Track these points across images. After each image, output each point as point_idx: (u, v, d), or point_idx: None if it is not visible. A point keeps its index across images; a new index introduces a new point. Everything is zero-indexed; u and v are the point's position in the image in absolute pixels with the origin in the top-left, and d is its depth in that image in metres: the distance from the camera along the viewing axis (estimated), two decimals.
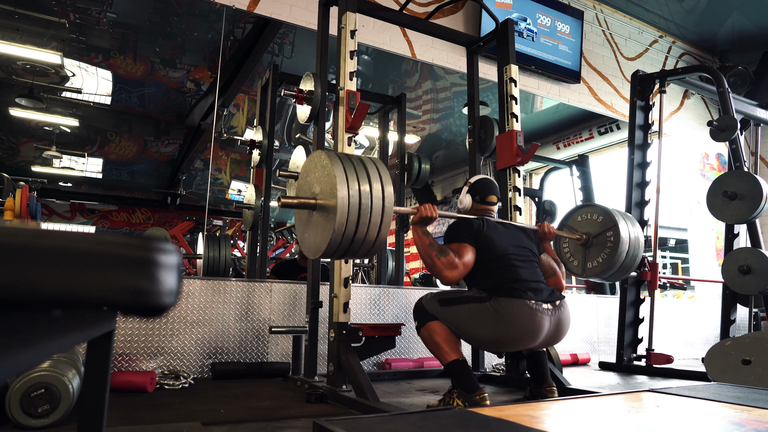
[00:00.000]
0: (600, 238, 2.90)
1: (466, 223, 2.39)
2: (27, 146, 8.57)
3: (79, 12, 5.11)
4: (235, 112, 6.75)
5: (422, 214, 2.28)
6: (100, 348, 0.68)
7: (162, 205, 10.60)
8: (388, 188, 1.99)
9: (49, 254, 0.38)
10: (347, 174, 1.94)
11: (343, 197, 1.89)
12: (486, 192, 2.55)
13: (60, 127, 7.85)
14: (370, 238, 1.97)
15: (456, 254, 2.26)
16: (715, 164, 6.63)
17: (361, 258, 2.15)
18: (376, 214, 1.96)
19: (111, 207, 10.89)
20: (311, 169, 2.11)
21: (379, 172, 2.02)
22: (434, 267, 2.24)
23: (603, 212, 2.92)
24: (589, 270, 2.95)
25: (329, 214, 1.94)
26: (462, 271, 2.26)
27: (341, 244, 1.95)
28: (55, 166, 9.23)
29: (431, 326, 2.28)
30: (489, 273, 2.30)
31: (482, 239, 2.34)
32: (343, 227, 1.90)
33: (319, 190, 2.03)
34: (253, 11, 3.82)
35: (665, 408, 1.77)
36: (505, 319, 2.18)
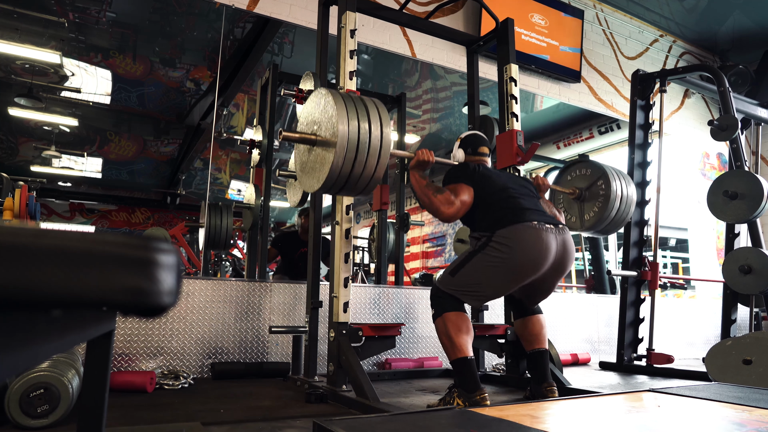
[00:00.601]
0: (592, 190, 2.96)
1: (462, 167, 2.44)
2: (26, 146, 8.57)
3: (79, 11, 5.11)
4: (234, 111, 6.75)
5: (419, 158, 2.36)
6: (99, 348, 0.68)
7: (162, 204, 10.60)
8: (386, 128, 2.06)
9: (48, 254, 0.38)
10: (348, 111, 2.00)
11: (343, 132, 1.95)
12: (477, 144, 2.59)
13: (59, 126, 7.85)
14: (368, 173, 2.04)
15: (453, 192, 2.29)
16: (716, 164, 6.62)
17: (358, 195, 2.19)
18: (375, 151, 2.02)
19: (110, 207, 10.89)
20: (314, 107, 2.16)
21: (379, 113, 2.07)
22: (431, 205, 2.27)
23: (591, 166, 3.01)
24: (586, 222, 2.98)
25: (329, 149, 2.01)
26: (459, 207, 2.27)
27: (339, 178, 2.02)
28: (54, 165, 9.24)
29: (448, 317, 2.24)
30: (490, 207, 2.30)
31: (479, 178, 2.36)
32: (341, 161, 1.97)
33: (320, 125, 2.08)
34: (252, 10, 3.82)
35: (666, 408, 1.77)
36: (511, 246, 2.15)
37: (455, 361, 2.22)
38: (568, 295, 6.58)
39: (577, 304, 4.79)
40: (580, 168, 3.05)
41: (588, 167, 3.00)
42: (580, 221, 3.02)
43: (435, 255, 9.19)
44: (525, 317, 2.52)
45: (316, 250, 2.95)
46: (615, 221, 2.93)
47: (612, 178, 2.87)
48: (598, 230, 2.98)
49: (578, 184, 3.03)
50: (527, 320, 2.52)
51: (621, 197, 2.86)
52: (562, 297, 5.57)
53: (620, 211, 2.88)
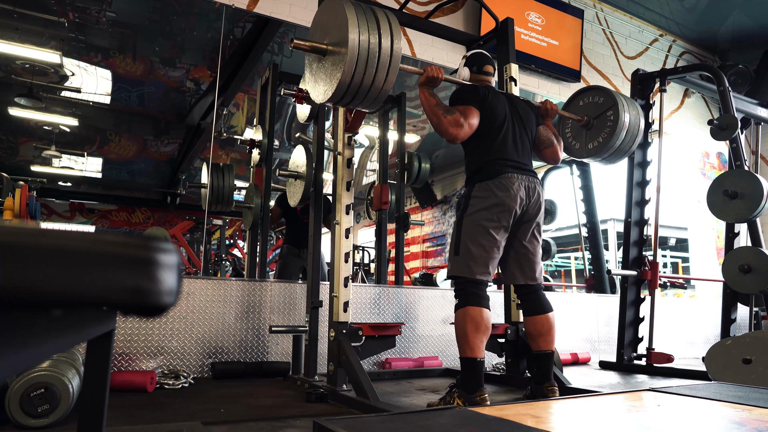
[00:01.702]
0: (600, 119, 2.92)
1: (472, 89, 2.45)
2: (26, 146, 8.57)
3: (79, 11, 5.11)
4: (234, 111, 6.75)
5: (429, 74, 2.37)
6: (99, 348, 0.68)
7: (162, 204, 10.61)
8: (397, 40, 2.06)
9: (48, 254, 0.38)
10: (359, 21, 1.99)
11: (353, 41, 1.95)
12: (482, 62, 2.60)
13: (59, 126, 7.85)
14: (377, 85, 2.04)
15: (462, 114, 2.32)
16: (716, 163, 6.62)
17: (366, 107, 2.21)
18: (384, 62, 2.02)
19: (111, 206, 10.89)
20: (324, 15, 2.17)
21: (390, 25, 2.07)
22: (440, 125, 2.31)
23: (604, 93, 2.94)
24: (589, 150, 2.96)
25: (339, 59, 2.01)
26: (467, 130, 2.33)
27: (349, 89, 2.02)
28: (54, 165, 9.24)
29: (469, 311, 2.24)
30: (482, 144, 2.40)
31: (487, 107, 2.39)
32: (351, 71, 1.97)
33: (331, 35, 2.09)
34: (252, 10, 3.82)
35: (666, 407, 1.77)
36: (486, 196, 2.32)
37: (465, 359, 2.21)
38: (568, 295, 6.58)
39: (577, 303, 4.79)
40: (593, 95, 2.98)
41: (601, 95, 2.93)
42: (583, 149, 2.99)
43: (435, 254, 9.19)
44: (535, 315, 2.47)
45: (316, 251, 2.95)
46: (617, 151, 2.90)
47: (622, 110, 2.81)
48: (599, 158, 2.96)
49: (589, 111, 2.97)
50: (537, 319, 2.47)
51: (627, 129, 2.82)
52: (562, 296, 5.57)
53: (625, 142, 2.85)
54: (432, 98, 2.35)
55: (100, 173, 9.82)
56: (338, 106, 2.54)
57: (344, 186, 2.70)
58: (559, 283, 10.71)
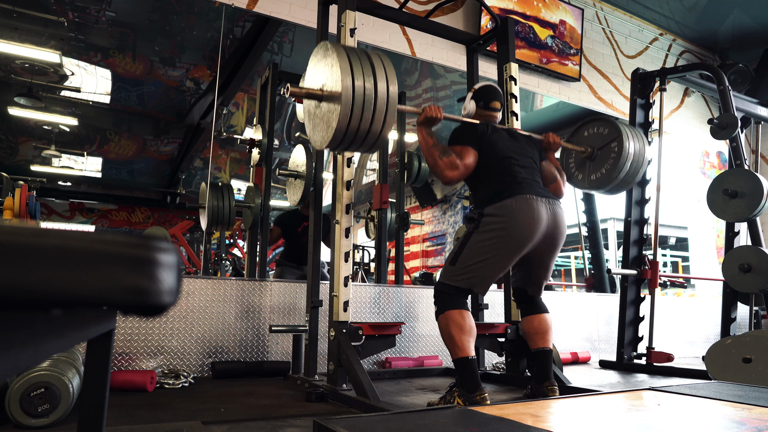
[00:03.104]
0: (604, 150, 2.87)
1: (470, 127, 2.43)
2: (26, 145, 8.57)
3: (78, 11, 5.11)
4: (234, 110, 6.75)
5: (427, 114, 2.35)
6: (100, 347, 0.68)
7: (161, 204, 10.60)
8: (392, 84, 2.03)
9: (48, 253, 0.38)
10: (352, 66, 1.97)
11: (347, 87, 1.93)
12: (490, 98, 2.57)
13: (59, 126, 7.84)
14: (375, 129, 2.02)
15: (458, 156, 2.30)
16: (716, 162, 6.62)
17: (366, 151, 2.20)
18: (381, 108, 2.00)
19: (110, 206, 10.89)
20: (319, 61, 2.15)
21: (385, 68, 2.05)
22: (436, 166, 2.29)
23: (609, 124, 2.90)
24: (592, 181, 2.93)
25: (335, 104, 1.99)
26: (462, 171, 2.30)
27: (347, 134, 2.00)
28: (54, 165, 9.23)
29: (451, 315, 2.24)
30: (489, 177, 2.34)
31: (485, 143, 2.37)
32: (347, 117, 1.95)
33: (326, 81, 2.06)
34: (252, 9, 3.81)
35: (666, 406, 1.77)
36: (503, 216, 2.20)
37: (457, 360, 2.22)
38: (568, 294, 6.59)
39: (577, 302, 4.79)
40: (598, 125, 2.94)
41: (606, 127, 2.89)
42: (586, 180, 2.96)
43: (435, 254, 9.19)
44: (532, 315, 2.50)
45: (316, 251, 2.95)
46: (621, 183, 2.87)
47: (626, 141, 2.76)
48: (602, 190, 2.93)
49: (593, 141, 2.93)
50: (534, 318, 2.49)
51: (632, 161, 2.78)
52: (562, 296, 5.57)
53: (628, 175, 2.82)
54: (429, 138, 2.32)
55: (100, 173, 9.82)
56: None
57: (344, 185, 2.70)
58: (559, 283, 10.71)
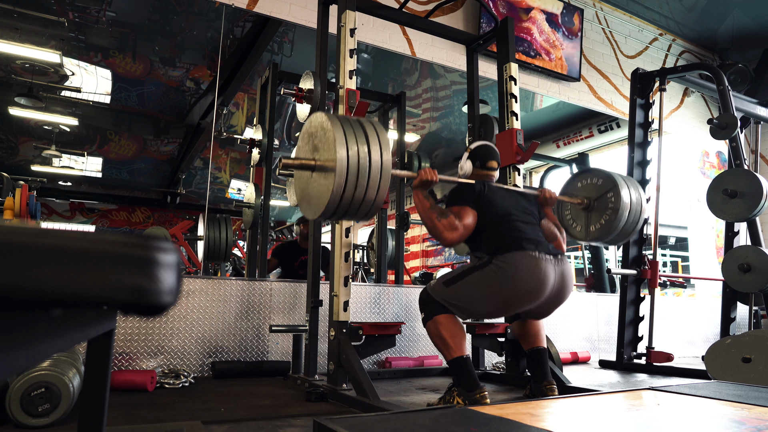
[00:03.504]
0: (601, 200, 2.88)
1: (467, 187, 2.41)
2: (26, 145, 8.56)
3: (78, 11, 5.10)
4: (234, 110, 6.74)
5: (423, 177, 2.33)
6: (100, 347, 0.68)
7: (162, 204, 10.59)
8: (386, 152, 2.01)
9: (49, 253, 0.38)
10: (346, 135, 1.95)
11: (342, 157, 1.90)
12: (486, 157, 2.57)
13: (59, 126, 7.84)
14: (369, 198, 1.99)
15: (457, 216, 2.28)
16: (716, 162, 6.62)
17: (361, 219, 2.16)
18: (375, 176, 1.97)
19: (111, 206, 10.88)
20: (311, 131, 2.13)
21: (378, 135, 2.03)
22: (435, 229, 2.27)
23: (602, 175, 2.91)
24: (591, 233, 2.92)
25: (328, 175, 1.96)
26: (462, 232, 2.27)
27: (341, 204, 1.98)
28: (54, 165, 9.22)
29: (439, 319, 2.26)
30: (491, 234, 2.30)
31: (484, 202, 2.35)
32: (342, 187, 1.92)
33: (319, 151, 2.05)
34: (252, 10, 3.81)
35: (665, 406, 1.77)
36: (509, 273, 2.16)
37: (451, 361, 2.24)
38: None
39: (577, 302, 4.79)
40: (591, 176, 2.95)
41: (600, 177, 2.90)
42: (584, 231, 2.96)
43: (435, 254, 9.19)
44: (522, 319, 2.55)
45: (316, 251, 2.95)
46: (621, 233, 2.86)
47: (623, 191, 2.78)
48: (603, 241, 2.92)
49: (588, 192, 2.95)
50: (524, 322, 2.55)
51: (630, 210, 2.79)
52: None
53: (628, 224, 2.81)
54: (426, 201, 2.31)
55: (100, 173, 9.81)
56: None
57: None
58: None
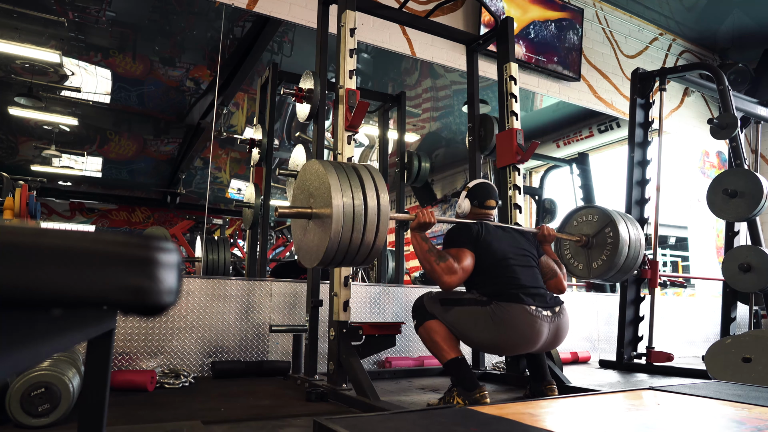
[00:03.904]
0: (599, 237, 2.89)
1: (465, 228, 2.39)
2: (26, 145, 8.56)
3: (78, 11, 5.10)
4: (234, 110, 6.74)
5: (420, 220, 2.30)
6: (100, 347, 0.68)
7: (162, 203, 10.59)
8: (383, 196, 1.99)
9: (49, 253, 0.38)
10: (341, 183, 1.93)
11: (338, 206, 1.88)
12: (485, 196, 2.55)
13: (59, 126, 7.84)
14: (367, 244, 1.97)
15: (455, 259, 2.27)
16: (716, 162, 6.62)
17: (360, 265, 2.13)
18: (372, 222, 1.95)
19: (110, 206, 10.88)
20: (306, 179, 2.10)
21: (374, 180, 2.01)
22: (433, 272, 2.26)
23: (598, 212, 2.92)
24: (594, 270, 2.92)
25: (325, 223, 1.93)
26: (461, 276, 2.27)
27: (338, 252, 1.95)
28: (54, 165, 9.22)
29: (430, 325, 2.30)
30: (489, 278, 2.30)
31: (481, 244, 2.34)
32: (339, 235, 1.90)
33: (315, 199, 2.02)
34: (252, 9, 3.81)
35: (665, 406, 1.77)
36: (504, 324, 2.18)
37: (447, 363, 2.25)
38: (568, 294, 6.58)
39: (577, 302, 4.79)
40: (587, 214, 2.96)
41: (594, 213, 2.91)
42: (587, 269, 2.95)
43: None
44: None
45: None
46: (623, 269, 2.86)
47: (620, 226, 2.79)
48: (606, 278, 2.93)
49: (585, 230, 2.95)
50: None
51: (630, 245, 2.80)
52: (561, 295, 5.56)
53: (629, 259, 2.82)
54: (424, 244, 2.29)
55: (100, 173, 9.81)
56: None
57: None
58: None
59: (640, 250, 2.88)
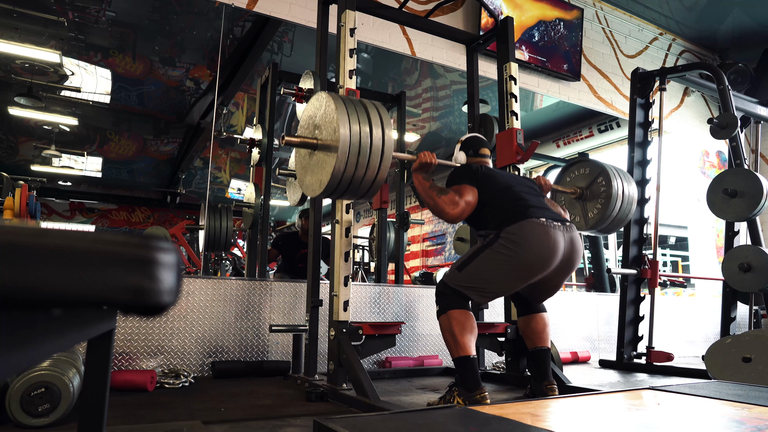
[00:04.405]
0: (593, 188, 2.97)
1: (464, 168, 2.45)
2: (26, 145, 8.56)
3: (78, 10, 5.10)
4: (234, 110, 6.74)
5: (422, 160, 2.37)
6: (100, 347, 0.68)
7: (161, 203, 10.60)
8: (388, 131, 2.05)
9: (49, 253, 0.38)
10: (349, 114, 1.98)
11: (344, 135, 1.94)
12: (478, 145, 2.61)
13: (59, 126, 7.84)
14: (369, 177, 2.02)
15: (457, 193, 2.30)
16: (716, 162, 6.62)
17: (360, 198, 2.19)
18: (376, 154, 2.01)
19: (110, 206, 10.88)
20: (314, 111, 2.15)
21: (380, 115, 2.06)
22: (436, 206, 2.27)
23: (590, 164, 3.02)
24: (590, 220, 2.99)
25: (330, 153, 2.00)
26: (464, 207, 2.27)
27: (341, 182, 2.01)
28: (54, 165, 9.22)
29: (453, 314, 2.23)
30: (495, 207, 2.29)
31: (482, 178, 2.37)
32: (343, 165, 1.96)
33: (321, 130, 2.08)
34: (252, 9, 3.81)
35: (665, 406, 1.77)
36: (519, 244, 2.14)
37: (457, 359, 2.22)
38: (568, 294, 6.58)
39: (577, 302, 4.79)
40: (579, 168, 3.06)
41: (587, 166, 3.01)
42: (583, 220, 3.02)
43: (435, 254, 9.19)
44: (529, 315, 2.51)
45: (316, 250, 2.95)
46: (618, 219, 2.93)
47: (612, 176, 2.88)
48: (601, 228, 2.99)
49: (579, 183, 3.04)
50: (531, 318, 2.51)
51: (622, 194, 2.88)
52: (562, 295, 5.56)
53: (622, 209, 2.90)
54: (426, 182, 2.33)
55: (100, 173, 9.81)
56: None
57: None
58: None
59: (633, 201, 2.93)
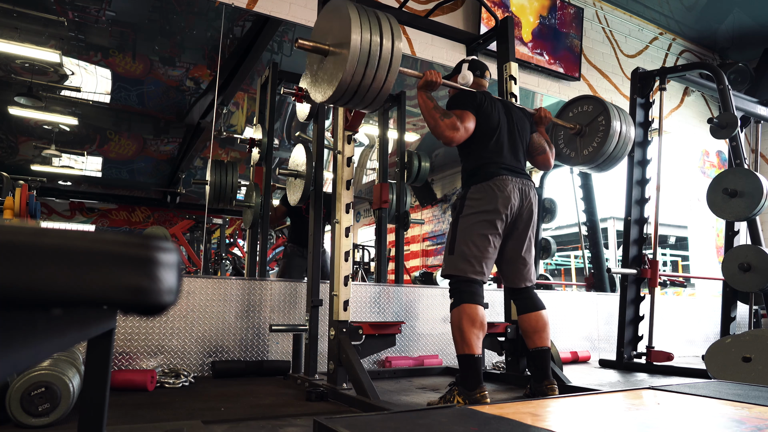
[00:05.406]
0: (592, 126, 2.98)
1: (470, 94, 2.49)
2: (26, 145, 8.56)
3: (78, 10, 5.10)
4: (234, 110, 6.74)
5: (427, 78, 2.41)
6: (100, 347, 0.68)
7: (161, 203, 10.60)
8: (398, 41, 2.10)
9: (49, 253, 0.38)
10: (361, 22, 2.03)
11: (355, 42, 1.98)
12: (483, 67, 2.70)
13: (59, 125, 7.84)
14: (377, 85, 2.07)
15: (459, 118, 2.37)
16: (716, 161, 6.62)
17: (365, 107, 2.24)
18: (385, 63, 2.06)
19: (110, 206, 10.89)
20: (327, 17, 2.20)
21: (391, 26, 2.11)
22: (437, 127, 2.35)
23: (593, 102, 3.01)
24: (584, 156, 3.00)
25: (340, 59, 2.04)
26: (462, 134, 2.37)
27: (349, 89, 2.05)
28: (54, 164, 9.22)
29: (465, 309, 2.25)
30: (477, 148, 2.46)
31: (483, 112, 2.45)
32: (352, 72, 2.00)
33: (333, 36, 2.13)
34: (252, 9, 3.81)
35: (665, 405, 1.77)
36: (481, 200, 2.36)
37: (462, 356, 2.22)
38: (568, 293, 6.59)
39: (577, 302, 4.79)
40: (582, 104, 3.05)
41: (590, 103, 3.00)
42: (578, 156, 3.03)
43: (435, 253, 9.19)
44: (529, 313, 2.50)
45: (315, 249, 2.95)
46: (612, 156, 2.95)
47: (613, 115, 2.88)
48: (594, 165, 3.01)
49: (580, 119, 3.04)
50: (531, 316, 2.49)
51: (620, 134, 2.89)
52: (562, 295, 5.57)
53: (618, 147, 2.91)
54: (430, 101, 2.38)
55: (100, 172, 9.82)
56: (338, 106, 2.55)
57: (344, 185, 2.70)
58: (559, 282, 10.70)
59: (629, 141, 2.95)
